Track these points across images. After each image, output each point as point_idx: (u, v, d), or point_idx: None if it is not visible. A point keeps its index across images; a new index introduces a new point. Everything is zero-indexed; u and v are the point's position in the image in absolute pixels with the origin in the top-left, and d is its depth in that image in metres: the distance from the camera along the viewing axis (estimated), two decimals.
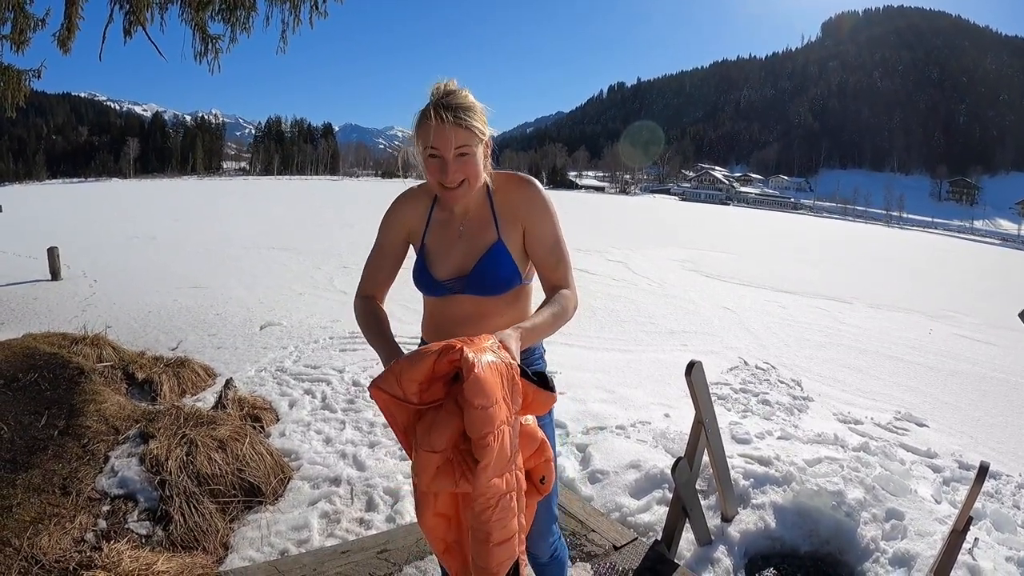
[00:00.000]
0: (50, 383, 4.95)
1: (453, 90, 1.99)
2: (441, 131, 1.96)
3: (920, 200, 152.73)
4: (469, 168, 2.03)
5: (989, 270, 34.67)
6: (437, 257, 2.21)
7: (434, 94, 1.99)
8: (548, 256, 2.17)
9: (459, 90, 2.00)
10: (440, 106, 1.95)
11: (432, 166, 2.04)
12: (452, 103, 1.96)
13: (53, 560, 3.15)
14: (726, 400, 7.11)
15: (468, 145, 2.00)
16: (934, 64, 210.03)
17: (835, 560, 3.96)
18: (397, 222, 2.30)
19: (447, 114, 1.94)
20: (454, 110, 1.95)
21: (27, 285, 11.28)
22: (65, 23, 7.75)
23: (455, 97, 1.97)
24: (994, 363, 10.41)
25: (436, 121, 1.95)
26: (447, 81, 2.03)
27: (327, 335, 8.71)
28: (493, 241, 2.16)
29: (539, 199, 2.16)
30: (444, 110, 1.94)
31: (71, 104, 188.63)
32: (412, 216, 2.28)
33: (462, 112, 1.96)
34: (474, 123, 1.99)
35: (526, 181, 2.19)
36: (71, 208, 34.73)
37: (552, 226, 2.18)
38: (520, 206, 2.16)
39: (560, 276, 2.18)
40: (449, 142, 1.97)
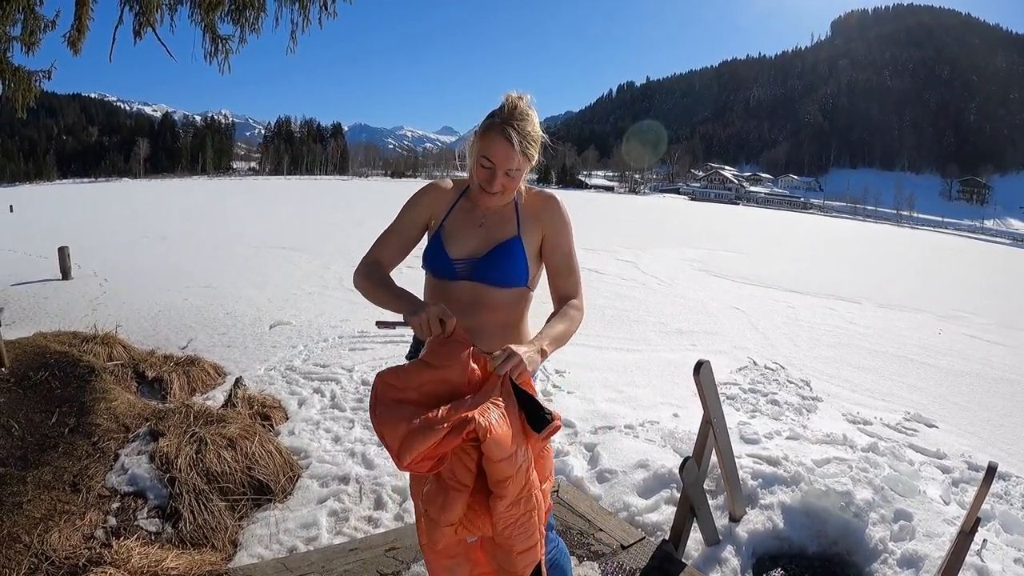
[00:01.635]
0: (61, 381, 4.98)
1: (527, 114, 2.10)
2: (504, 150, 2.08)
3: (930, 199, 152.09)
4: (512, 185, 2.17)
5: (1000, 270, 34.49)
6: (454, 238, 2.27)
7: (508, 109, 2.09)
8: (562, 263, 2.27)
9: (531, 114, 2.12)
10: (512, 128, 2.06)
11: (482, 172, 2.14)
12: (523, 129, 2.08)
13: (63, 556, 3.17)
14: (735, 400, 7.09)
15: (520, 169, 2.14)
16: (944, 62, 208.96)
17: (843, 561, 3.95)
18: (423, 204, 2.38)
19: (516, 137, 2.06)
20: (522, 136, 2.07)
21: (38, 284, 11.33)
22: (75, 24, 7.78)
23: (527, 123, 2.09)
24: (1004, 363, 10.36)
25: (503, 139, 2.07)
26: (521, 96, 2.12)
27: (336, 334, 8.72)
28: (512, 235, 2.24)
29: (561, 212, 2.30)
30: (515, 133, 2.06)
31: (81, 104, 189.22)
32: (439, 202, 2.35)
33: (528, 140, 2.10)
34: (533, 153, 2.14)
35: (552, 196, 2.33)
36: (81, 208, 34.89)
37: (569, 238, 2.30)
38: (543, 213, 2.29)
39: (572, 285, 2.27)
40: (507, 162, 2.10)
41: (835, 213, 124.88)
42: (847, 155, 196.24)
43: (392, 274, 2.40)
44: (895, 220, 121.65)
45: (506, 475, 1.69)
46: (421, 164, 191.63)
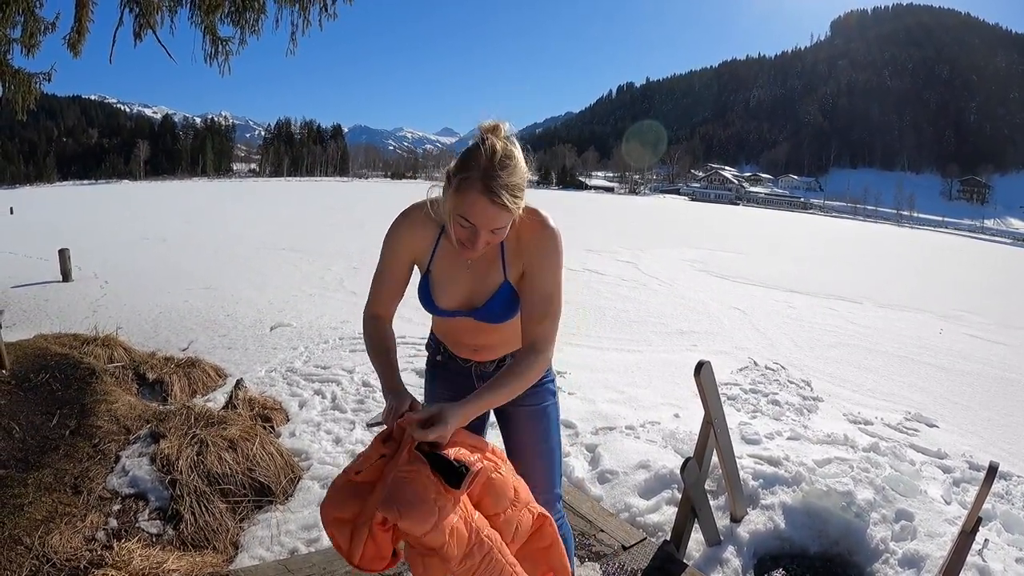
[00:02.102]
0: (61, 383, 4.98)
1: (509, 160, 1.81)
2: (487, 211, 1.83)
3: (931, 199, 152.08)
4: (497, 238, 1.93)
5: (1000, 269, 34.48)
6: (442, 287, 2.16)
7: (486, 158, 1.80)
8: (537, 305, 2.03)
9: (513, 153, 1.83)
10: (495, 183, 1.78)
11: (461, 231, 1.90)
12: (505, 182, 1.80)
13: (64, 559, 3.17)
14: (736, 400, 7.09)
15: (505, 225, 1.90)
16: (944, 62, 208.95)
17: (845, 561, 3.95)
18: (402, 247, 2.16)
19: (500, 195, 1.79)
20: (507, 190, 1.80)
21: (38, 286, 11.34)
22: (75, 26, 7.77)
23: (509, 173, 1.81)
24: (1005, 363, 10.36)
25: (485, 200, 1.80)
26: (498, 131, 1.86)
27: (337, 335, 8.72)
28: (500, 282, 2.10)
29: (549, 247, 2.02)
30: (497, 189, 1.79)
31: (81, 107, 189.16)
32: (418, 243, 2.14)
33: (514, 192, 1.83)
34: (520, 201, 1.88)
35: (541, 226, 2.02)
36: (82, 210, 34.91)
37: (552, 277, 2.04)
38: (529, 248, 2.03)
39: (541, 332, 2.02)
40: (491, 223, 1.85)
41: (835, 213, 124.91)
42: (847, 155, 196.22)
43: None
44: (895, 220, 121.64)
45: (438, 543, 1.64)
46: (421, 165, 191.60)
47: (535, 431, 2.29)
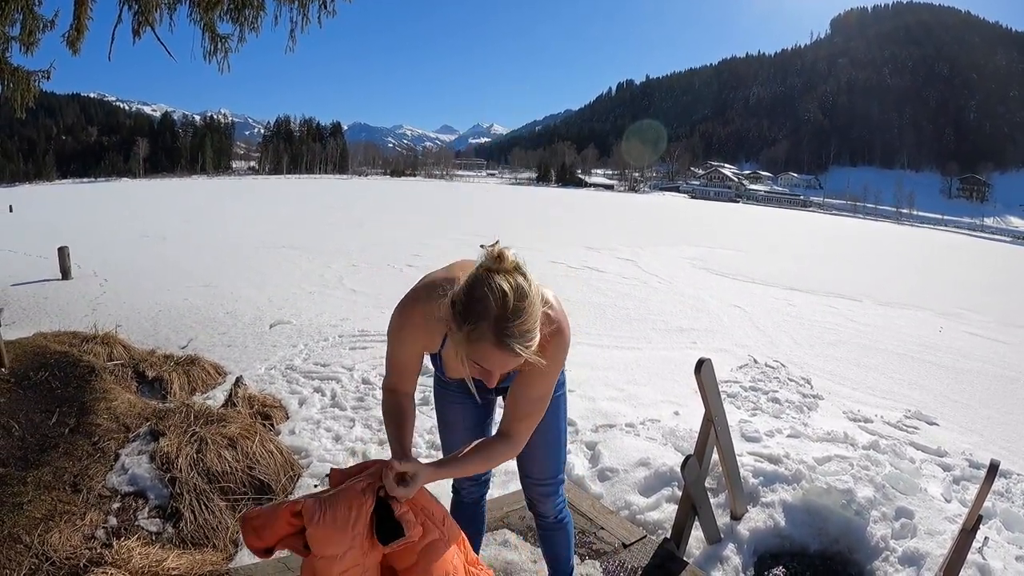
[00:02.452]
0: (61, 381, 4.98)
1: (521, 306, 1.66)
2: (502, 359, 1.73)
3: (930, 197, 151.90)
4: (511, 371, 1.86)
5: (1000, 267, 34.47)
6: (453, 367, 2.19)
7: (497, 308, 1.65)
8: (524, 405, 2.04)
9: (524, 294, 1.68)
10: (506, 338, 1.66)
11: (474, 369, 1.80)
12: (519, 331, 1.67)
13: (63, 557, 3.17)
14: (736, 398, 7.10)
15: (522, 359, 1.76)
16: (944, 60, 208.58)
17: (845, 559, 3.95)
18: (410, 344, 2.11)
19: (512, 345, 1.67)
20: (522, 338, 1.68)
21: (38, 284, 11.33)
22: (74, 24, 7.75)
23: (522, 320, 1.67)
24: (1005, 361, 10.36)
25: (500, 351, 1.69)
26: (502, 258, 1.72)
27: (336, 333, 8.72)
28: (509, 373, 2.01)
29: (556, 356, 1.98)
30: (511, 341, 1.67)
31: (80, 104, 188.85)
32: (426, 340, 2.09)
33: (527, 339, 1.70)
34: (535, 342, 1.74)
35: (554, 334, 1.94)
36: (81, 208, 34.89)
37: (549, 383, 2.05)
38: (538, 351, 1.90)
39: (520, 429, 2.06)
40: (504, 366, 1.76)
41: (835, 211, 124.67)
42: (847, 153, 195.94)
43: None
44: (895, 218, 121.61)
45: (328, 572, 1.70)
46: (421, 163, 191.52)
47: (544, 420, 2.26)
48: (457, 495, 2.74)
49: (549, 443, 2.47)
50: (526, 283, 1.70)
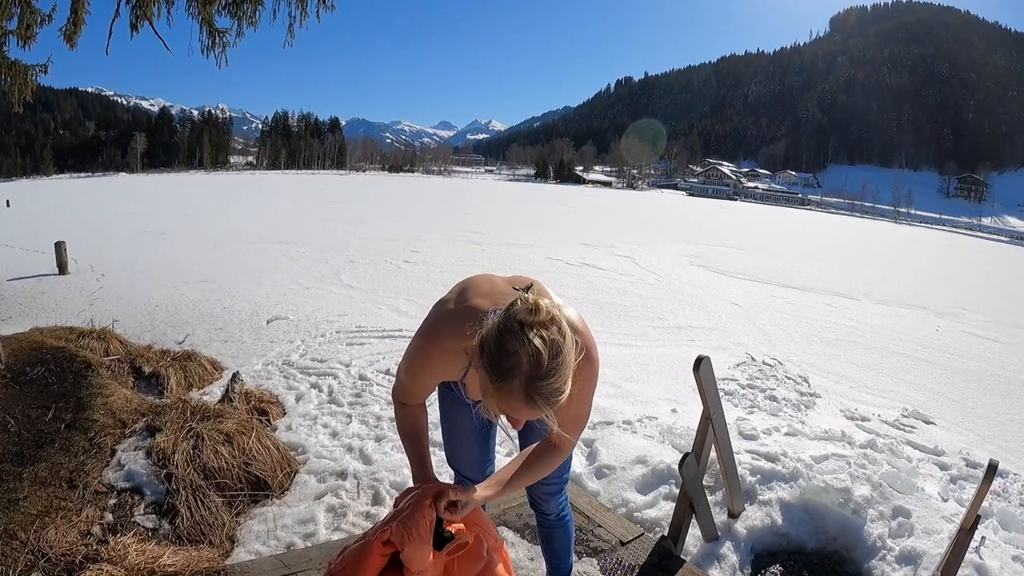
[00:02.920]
0: (57, 377, 4.96)
1: (555, 363, 1.58)
2: (526, 412, 1.66)
3: (928, 196, 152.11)
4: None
5: (997, 267, 34.56)
6: (475, 393, 2.09)
7: (530, 366, 1.57)
8: (568, 424, 1.98)
9: (560, 349, 1.60)
10: (537, 396, 1.59)
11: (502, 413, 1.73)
12: (548, 389, 1.59)
13: (59, 553, 3.16)
14: (733, 396, 7.10)
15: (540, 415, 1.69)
16: (943, 60, 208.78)
17: (842, 557, 3.95)
18: (431, 376, 2.09)
19: (540, 402, 1.60)
20: (550, 397, 1.61)
21: (34, 279, 11.31)
22: (71, 18, 7.74)
23: (556, 377, 1.59)
24: (1002, 361, 10.38)
25: (530, 407, 1.62)
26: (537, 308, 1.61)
27: (334, 329, 8.71)
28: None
29: (589, 380, 1.95)
30: (542, 400, 1.60)
31: (78, 99, 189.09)
32: (448, 372, 2.05)
33: (556, 397, 1.62)
34: (563, 400, 1.65)
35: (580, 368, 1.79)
36: (78, 203, 34.80)
37: (587, 402, 2.01)
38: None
39: (567, 441, 2.06)
40: (531, 416, 1.68)
41: (833, 210, 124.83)
42: (845, 152, 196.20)
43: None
44: (893, 217, 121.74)
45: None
46: (419, 159, 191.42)
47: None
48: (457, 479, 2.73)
49: None
50: (560, 336, 1.60)
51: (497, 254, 17.81)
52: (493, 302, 1.83)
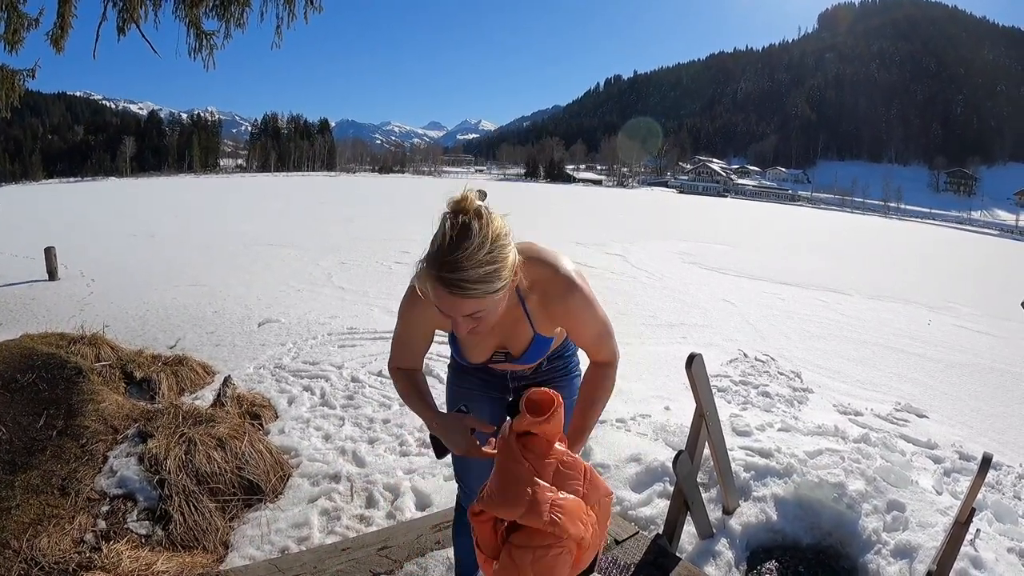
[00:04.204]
0: (48, 383, 4.93)
1: (463, 244, 1.61)
2: (446, 301, 1.70)
3: (918, 191, 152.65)
4: (483, 324, 1.81)
5: (987, 261, 34.72)
6: (471, 348, 2.17)
7: (431, 252, 1.65)
8: (591, 346, 2.11)
9: (469, 232, 1.62)
10: (444, 276, 1.63)
11: (442, 317, 1.84)
12: (456, 279, 1.63)
13: (53, 561, 3.14)
14: (726, 392, 7.11)
15: (480, 309, 1.74)
16: (931, 55, 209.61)
17: (837, 552, 3.95)
18: (420, 321, 2.07)
19: (454, 285, 1.64)
20: (464, 281, 1.64)
21: (24, 285, 11.24)
22: (58, 22, 7.71)
23: (461, 266, 1.62)
24: (993, 354, 10.42)
25: (441, 290, 1.67)
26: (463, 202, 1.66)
27: (325, 331, 8.69)
28: (530, 337, 2.09)
29: (577, 309, 1.99)
30: (451, 281, 1.63)
31: (67, 103, 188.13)
32: (435, 318, 1.99)
33: (471, 285, 1.64)
34: (488, 290, 1.68)
35: (560, 293, 1.95)
36: (68, 207, 34.63)
37: (594, 323, 2.05)
38: (558, 318, 2.03)
39: (604, 355, 2.13)
40: (458, 311, 1.73)
41: (823, 205, 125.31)
42: (835, 147, 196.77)
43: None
44: (883, 212, 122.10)
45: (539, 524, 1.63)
46: (409, 159, 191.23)
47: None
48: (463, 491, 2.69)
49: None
50: (479, 225, 1.63)
51: None
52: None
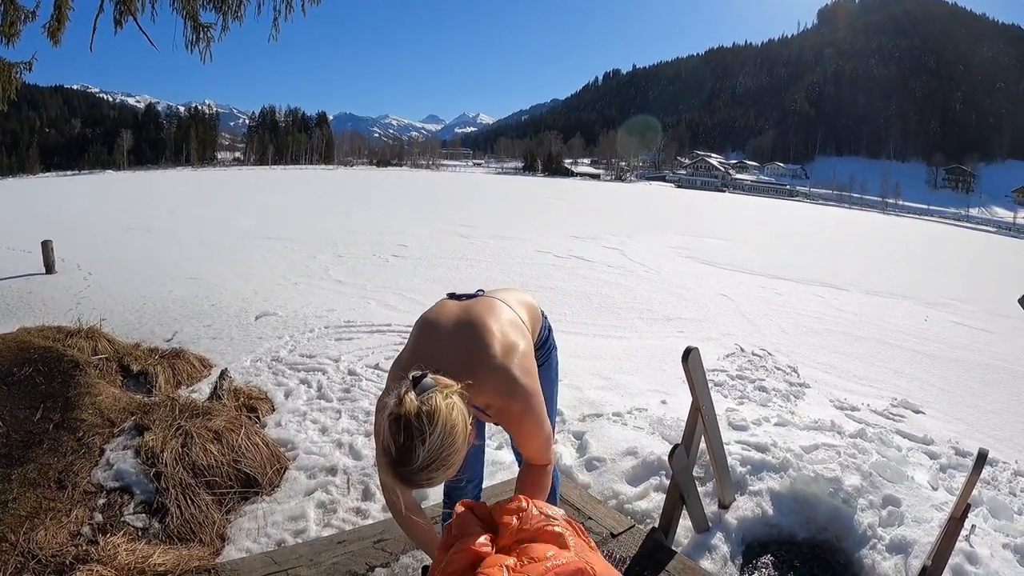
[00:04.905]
0: (45, 377, 4.92)
1: (412, 460, 1.67)
2: (402, 489, 1.87)
3: (916, 187, 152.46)
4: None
5: (985, 257, 34.74)
6: None
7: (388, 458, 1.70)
8: (535, 454, 2.21)
9: (415, 455, 1.67)
10: (403, 479, 1.71)
11: None
12: (417, 479, 1.71)
13: (49, 555, 3.14)
14: (722, 387, 7.12)
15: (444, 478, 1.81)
16: (930, 52, 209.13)
17: (833, 547, 3.96)
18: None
19: (413, 484, 1.73)
20: (420, 483, 1.73)
21: (21, 279, 11.23)
22: (55, 14, 7.68)
23: (417, 468, 1.68)
24: (990, 350, 10.44)
25: (404, 486, 1.75)
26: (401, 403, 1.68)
27: (322, 324, 8.69)
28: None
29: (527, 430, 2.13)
30: (409, 483, 1.73)
31: (64, 97, 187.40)
32: None
33: (430, 477, 1.72)
34: (448, 474, 1.76)
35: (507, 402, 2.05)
36: (65, 201, 34.56)
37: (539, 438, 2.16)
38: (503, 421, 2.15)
39: (543, 460, 2.24)
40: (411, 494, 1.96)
41: (821, 201, 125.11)
42: (833, 143, 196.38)
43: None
44: (881, 208, 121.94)
45: None
46: (407, 152, 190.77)
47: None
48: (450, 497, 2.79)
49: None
50: (422, 425, 1.66)
51: (485, 247, 17.79)
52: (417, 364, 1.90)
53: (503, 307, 2.24)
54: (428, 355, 2.00)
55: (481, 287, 2.39)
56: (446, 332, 2.12)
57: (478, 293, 2.35)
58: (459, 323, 2.13)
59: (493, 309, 2.20)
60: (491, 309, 2.19)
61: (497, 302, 2.26)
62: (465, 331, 2.09)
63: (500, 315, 2.18)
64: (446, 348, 2.06)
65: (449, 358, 1.99)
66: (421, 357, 2.00)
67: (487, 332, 2.07)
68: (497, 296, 2.32)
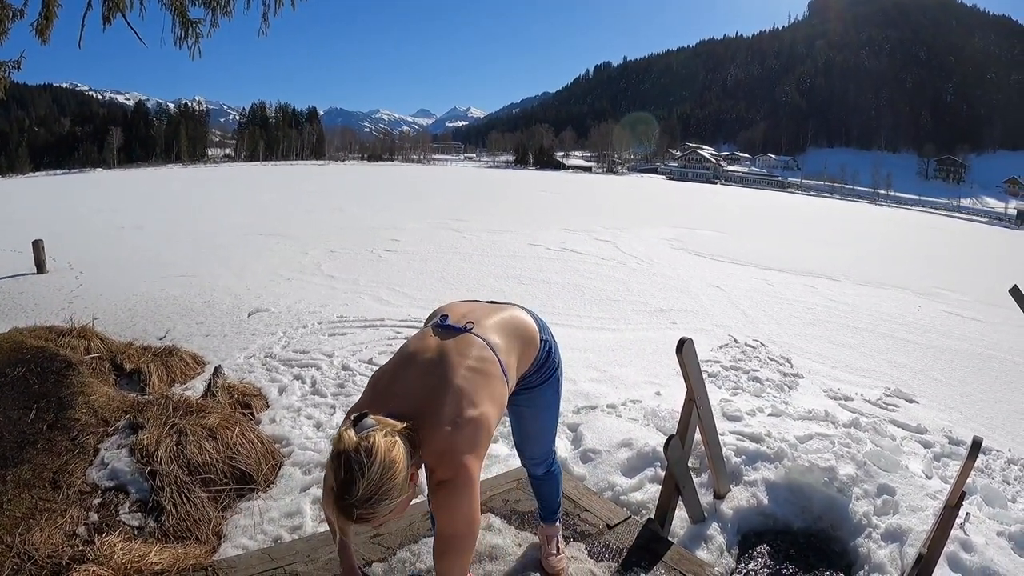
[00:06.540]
0: (38, 377, 4.90)
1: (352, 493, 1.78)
2: (343, 523, 1.89)
3: (907, 178, 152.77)
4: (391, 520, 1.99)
5: (976, 248, 34.87)
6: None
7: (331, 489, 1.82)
8: (439, 539, 2.20)
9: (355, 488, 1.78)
10: (340, 508, 1.82)
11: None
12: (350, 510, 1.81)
13: (45, 555, 3.13)
14: (716, 377, 7.13)
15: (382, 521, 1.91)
16: (921, 43, 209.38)
17: (828, 536, 3.98)
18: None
19: (352, 516, 1.82)
20: (355, 510, 1.81)
21: (12, 279, 11.17)
22: (43, 12, 7.63)
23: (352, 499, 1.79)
24: (982, 339, 10.48)
25: (342, 518, 1.85)
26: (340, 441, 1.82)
27: (315, 320, 8.68)
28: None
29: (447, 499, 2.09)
30: (348, 515, 1.82)
31: (53, 95, 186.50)
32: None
33: (367, 508, 1.81)
34: (384, 510, 1.85)
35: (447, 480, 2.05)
36: (56, 200, 34.38)
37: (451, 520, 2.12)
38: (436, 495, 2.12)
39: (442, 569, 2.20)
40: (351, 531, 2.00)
41: (813, 192, 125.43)
42: (824, 134, 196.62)
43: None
44: (872, 199, 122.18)
45: None
46: (398, 147, 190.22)
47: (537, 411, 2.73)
48: None
49: (544, 430, 2.82)
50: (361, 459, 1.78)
51: (478, 240, 17.76)
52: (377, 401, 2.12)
53: (480, 352, 2.23)
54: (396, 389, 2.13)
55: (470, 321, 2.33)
56: (416, 374, 2.16)
57: (467, 327, 2.30)
58: (427, 371, 2.15)
59: (467, 355, 2.18)
60: (464, 356, 2.18)
61: (476, 344, 2.24)
62: (430, 381, 2.11)
63: (470, 367, 2.16)
64: (411, 390, 2.11)
65: (411, 400, 2.07)
66: (393, 384, 2.16)
67: (446, 391, 2.07)
68: (481, 336, 2.29)
